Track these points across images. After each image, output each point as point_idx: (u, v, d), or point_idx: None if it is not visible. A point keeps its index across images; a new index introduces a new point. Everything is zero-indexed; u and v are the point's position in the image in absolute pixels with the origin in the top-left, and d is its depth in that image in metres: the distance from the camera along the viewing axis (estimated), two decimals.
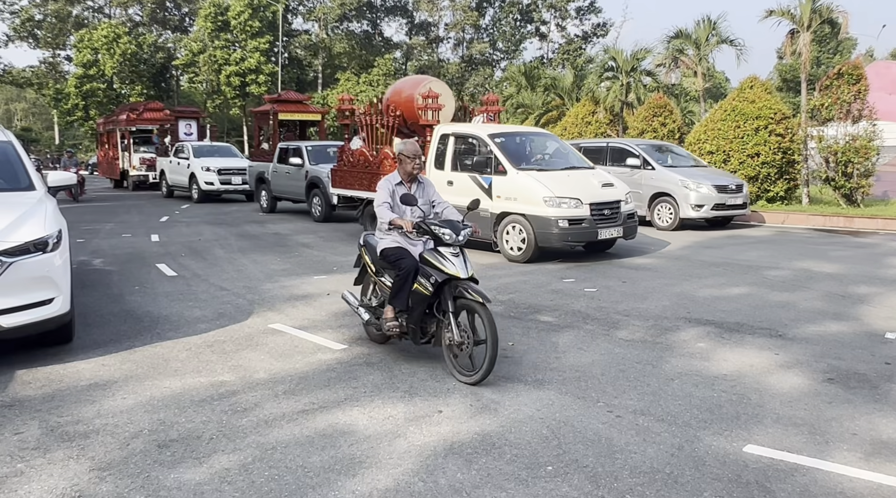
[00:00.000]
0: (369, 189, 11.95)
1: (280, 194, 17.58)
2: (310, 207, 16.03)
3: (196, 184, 21.17)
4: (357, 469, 3.65)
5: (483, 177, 10.48)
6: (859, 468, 3.66)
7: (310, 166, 16.05)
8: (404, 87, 12.71)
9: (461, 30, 55.61)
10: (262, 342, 6.01)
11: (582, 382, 5.01)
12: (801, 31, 17.92)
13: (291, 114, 20.01)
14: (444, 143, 11.08)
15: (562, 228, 9.74)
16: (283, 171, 17.04)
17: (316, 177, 15.66)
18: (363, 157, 12.80)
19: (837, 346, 5.89)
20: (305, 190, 16.07)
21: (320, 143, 17.97)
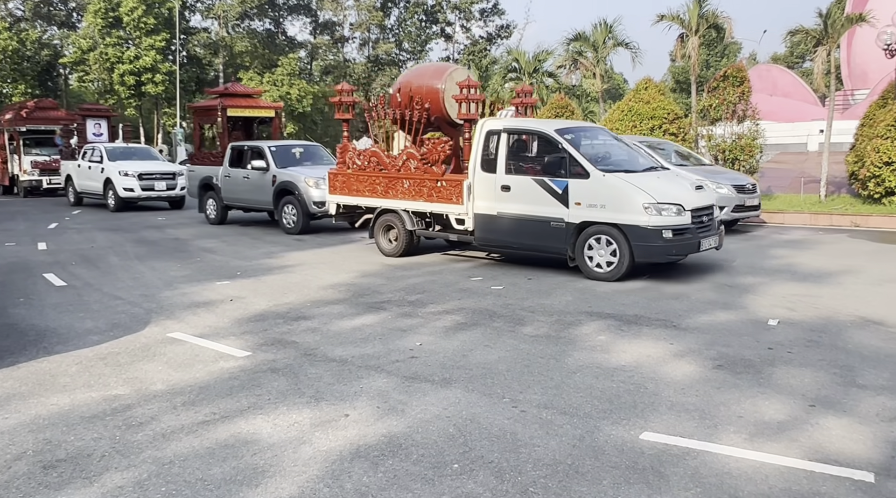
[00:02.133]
0: (385, 196, 10.63)
1: (233, 203, 15.18)
2: (279, 218, 13.86)
3: (113, 190, 18.64)
4: (260, 479, 3.56)
5: (555, 181, 8.90)
6: (744, 449, 3.89)
7: (277, 170, 13.93)
8: (424, 77, 10.89)
9: (366, 30, 55.26)
10: (159, 352, 5.78)
11: (488, 378, 5.08)
12: (690, 36, 18.87)
13: (242, 110, 17.48)
14: (494, 142, 9.54)
15: (666, 240, 8.34)
16: (240, 176, 14.66)
17: (288, 182, 13.57)
18: (375, 158, 10.89)
19: (726, 334, 6.23)
20: (274, 198, 13.86)
21: (284, 143, 15.88)
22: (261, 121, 18.46)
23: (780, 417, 4.34)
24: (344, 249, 11.70)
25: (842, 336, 6.14)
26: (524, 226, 9.16)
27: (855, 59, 32.37)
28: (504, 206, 9.31)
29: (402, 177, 10.44)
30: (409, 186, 10.31)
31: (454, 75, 10.58)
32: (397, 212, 10.47)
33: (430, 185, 10.06)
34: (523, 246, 9.44)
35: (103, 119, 24.25)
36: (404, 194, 10.39)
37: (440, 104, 10.42)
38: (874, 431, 4.11)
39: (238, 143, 15.45)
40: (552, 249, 9.10)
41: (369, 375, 5.18)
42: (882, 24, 19.41)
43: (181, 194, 18.98)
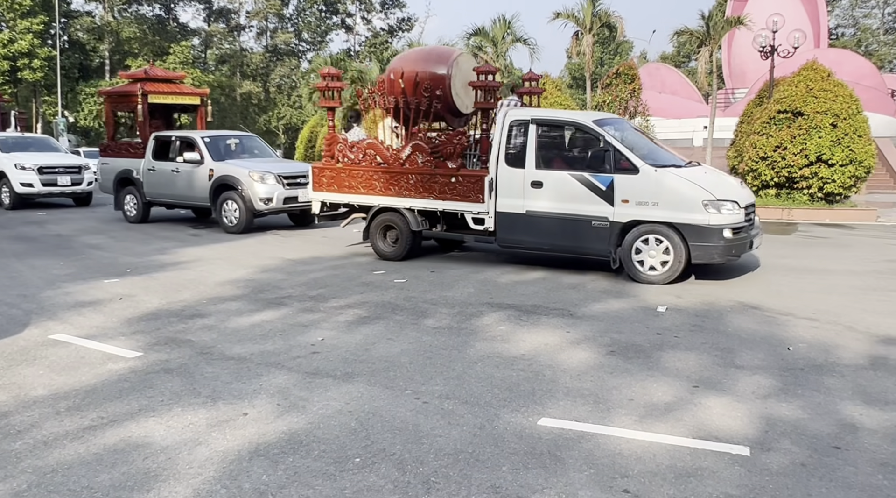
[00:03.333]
0: (384, 193, 9.63)
1: (158, 199, 13.84)
2: (217, 215, 12.74)
3: (7, 186, 16.67)
4: (152, 483, 3.43)
5: (598, 176, 8.25)
6: (634, 430, 4.08)
7: (214, 163, 12.81)
8: (427, 63, 9.72)
9: (264, 18, 53.79)
10: (40, 356, 5.43)
11: (391, 371, 5.09)
12: (585, 33, 19.51)
13: (164, 96, 15.51)
14: (520, 134, 8.76)
15: (726, 239, 7.88)
16: (167, 169, 13.38)
17: (229, 177, 12.52)
18: (372, 151, 9.81)
19: (618, 321, 6.51)
20: (211, 193, 12.71)
21: (218, 133, 14.50)
22: (182, 108, 16.75)
23: (667, 398, 4.59)
24: (241, 243, 11.38)
25: (723, 321, 6.54)
26: (559, 225, 8.50)
27: (734, 60, 34.42)
28: (535, 204, 8.60)
29: (407, 172, 9.43)
30: (416, 182, 9.35)
31: (460, 61, 9.73)
32: (399, 211, 9.51)
33: (442, 181, 9.14)
34: (557, 247, 8.78)
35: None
36: (410, 191, 9.42)
37: (447, 92, 9.48)
38: (750, 408, 4.41)
39: (163, 133, 14.11)
40: (592, 251, 8.48)
41: (269, 372, 5.08)
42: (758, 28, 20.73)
43: (88, 190, 17.36)
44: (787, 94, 15.54)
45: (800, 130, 15.09)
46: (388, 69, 10.06)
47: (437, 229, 9.61)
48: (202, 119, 16.26)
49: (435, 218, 9.55)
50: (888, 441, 3.94)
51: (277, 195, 12.35)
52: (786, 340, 5.89)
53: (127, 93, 15.29)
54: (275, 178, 12.41)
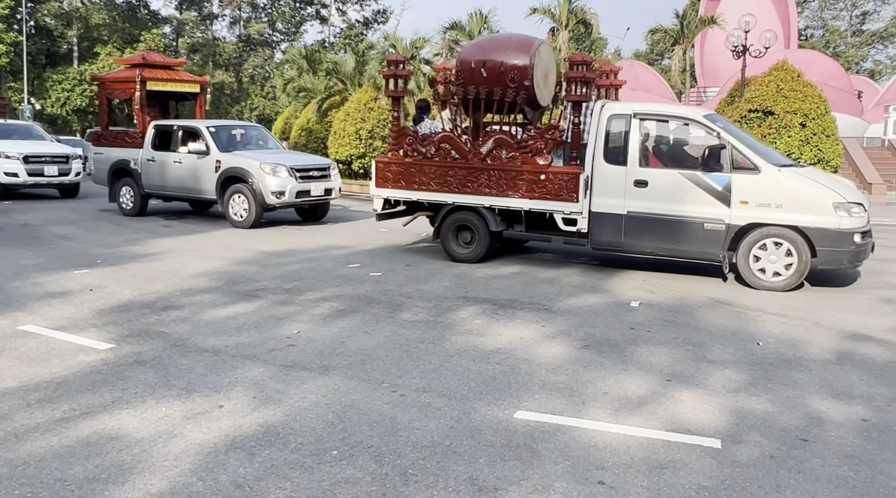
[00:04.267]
0: (461, 190, 8.96)
1: (157, 191, 13.25)
2: (224, 209, 12.20)
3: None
4: (127, 476, 3.39)
5: (712, 176, 7.81)
6: (609, 423, 4.14)
7: (222, 155, 12.22)
8: (506, 52, 8.95)
9: (237, 7, 53.13)
10: (9, 347, 5.33)
11: (367, 364, 5.09)
12: (561, 30, 19.60)
13: (163, 83, 14.69)
14: (621, 129, 8.32)
15: (857, 245, 7.51)
16: (169, 160, 12.80)
17: (238, 169, 11.94)
18: (448, 145, 9.09)
19: (593, 315, 6.58)
20: (218, 186, 12.16)
21: (222, 122, 13.89)
22: (180, 96, 15.89)
23: (641, 391, 4.66)
24: (214, 235, 11.26)
25: (694, 315, 6.65)
26: (665, 228, 8.06)
27: (707, 59, 34.81)
28: (637, 205, 8.14)
29: (488, 168, 8.81)
30: (498, 179, 8.75)
31: (541, 50, 9.12)
32: (477, 210, 8.96)
33: (529, 178, 8.57)
34: (661, 251, 8.26)
35: None
36: (490, 189, 8.81)
37: (529, 83, 8.81)
38: (721, 402, 4.50)
39: (164, 122, 13.51)
40: (701, 255, 8.06)
41: (244, 364, 5.05)
42: (730, 27, 21.01)
43: (76, 181, 16.68)
44: (759, 94, 15.80)
45: (770, 129, 15.35)
46: (463, 58, 9.30)
47: (516, 230, 9.04)
48: (201, 108, 15.45)
49: (513, 218, 9.01)
50: (853, 434, 4.05)
51: (290, 189, 11.82)
52: (755, 336, 6.01)
53: (124, 79, 14.48)
54: (287, 171, 11.87)
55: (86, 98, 41.36)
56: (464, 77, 9.07)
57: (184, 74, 15.83)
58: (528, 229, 8.95)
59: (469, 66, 9.04)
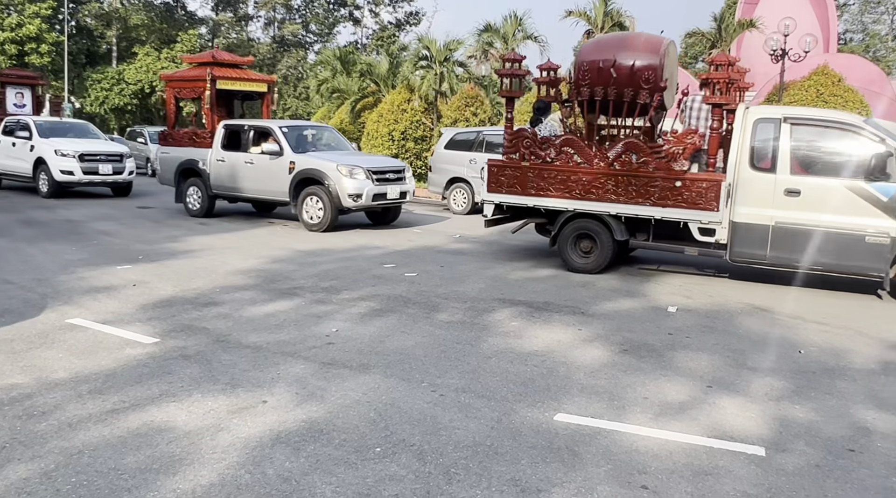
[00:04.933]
0: (584, 196, 8.53)
1: (227, 192, 12.93)
2: (298, 212, 11.87)
3: (46, 173, 15.67)
4: (177, 467, 3.48)
5: (877, 186, 7.41)
6: (650, 428, 4.13)
7: (296, 155, 11.88)
8: (635, 51, 8.54)
9: (272, 9, 53.72)
10: (59, 339, 5.48)
11: (406, 364, 5.13)
12: (596, 32, 19.49)
13: (232, 82, 14.22)
14: (769, 135, 7.89)
15: None
16: (240, 161, 12.44)
17: (314, 170, 11.58)
18: (570, 148, 8.67)
19: (630, 320, 6.56)
20: (291, 188, 11.81)
21: (294, 123, 13.62)
22: (245, 95, 15.27)
23: (681, 397, 4.64)
24: (251, 233, 11.42)
25: (733, 322, 6.59)
26: (819, 240, 7.61)
27: (743, 62, 34.36)
28: (788, 215, 7.72)
29: (616, 173, 8.35)
30: (627, 186, 8.32)
31: (670, 50, 8.77)
32: (601, 217, 8.54)
33: (662, 185, 8.12)
34: (814, 264, 7.75)
35: (27, 88, 20.42)
36: (616, 196, 8.37)
37: (664, 84, 8.46)
38: (763, 409, 4.45)
39: (234, 122, 13.20)
40: (859, 270, 7.60)
41: (286, 361, 5.12)
42: (769, 31, 20.72)
43: (129, 180, 16.55)
44: (798, 98, 15.56)
45: None
46: (584, 58, 8.83)
47: (640, 239, 8.65)
48: (268, 107, 15.06)
49: (637, 226, 8.59)
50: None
51: (367, 191, 11.43)
52: (797, 343, 5.94)
53: (193, 78, 14.07)
54: (364, 173, 11.50)
55: (123, 97, 42.16)
56: (590, 78, 8.59)
57: (252, 73, 15.45)
58: (656, 239, 8.54)
59: (596, 66, 8.57)
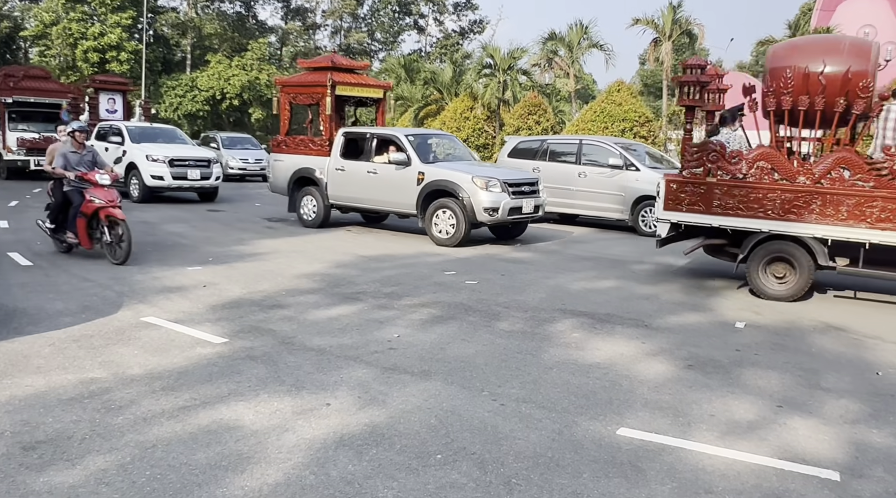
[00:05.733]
0: (781, 217, 7.81)
1: (346, 203, 12.44)
2: (426, 225, 11.26)
3: (138, 178, 15.77)
4: (245, 465, 3.57)
5: None
6: (717, 446, 4.02)
7: (425, 166, 11.29)
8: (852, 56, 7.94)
9: (339, 18, 54.82)
10: (134, 336, 5.71)
11: (466, 372, 5.15)
12: (664, 40, 19.18)
13: (351, 87, 13.51)
14: None
15: None
16: (362, 170, 11.89)
17: (446, 182, 11.01)
18: (766, 163, 7.98)
19: (695, 334, 6.41)
20: (420, 200, 11.23)
21: (418, 131, 13.05)
22: (358, 102, 14.64)
23: (750, 416, 4.50)
24: (316, 238, 11.65)
25: (805, 340, 6.36)
26: None
27: None
28: None
29: (823, 192, 7.62)
30: (837, 205, 7.56)
31: (876, 54, 8.14)
32: (801, 240, 7.81)
33: (883, 205, 7.35)
34: None
35: (118, 93, 20.82)
36: (824, 216, 7.62)
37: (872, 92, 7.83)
38: (838, 432, 4.28)
39: (355, 129, 12.87)
40: None
41: (349, 365, 5.21)
42: None
43: (216, 185, 16.59)
44: None
45: None
46: (782, 64, 8.20)
47: (844, 265, 7.81)
48: (383, 114, 14.59)
49: (841, 250, 7.79)
50: None
51: (504, 205, 10.78)
52: (874, 365, 5.69)
53: (312, 83, 13.44)
54: (501, 186, 10.88)
55: (196, 103, 43.65)
56: (794, 86, 7.93)
57: (369, 79, 15.02)
58: (868, 265, 7.66)
59: (801, 73, 7.92)
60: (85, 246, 8.81)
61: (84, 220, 8.68)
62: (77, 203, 8.71)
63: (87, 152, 9.04)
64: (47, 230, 9.24)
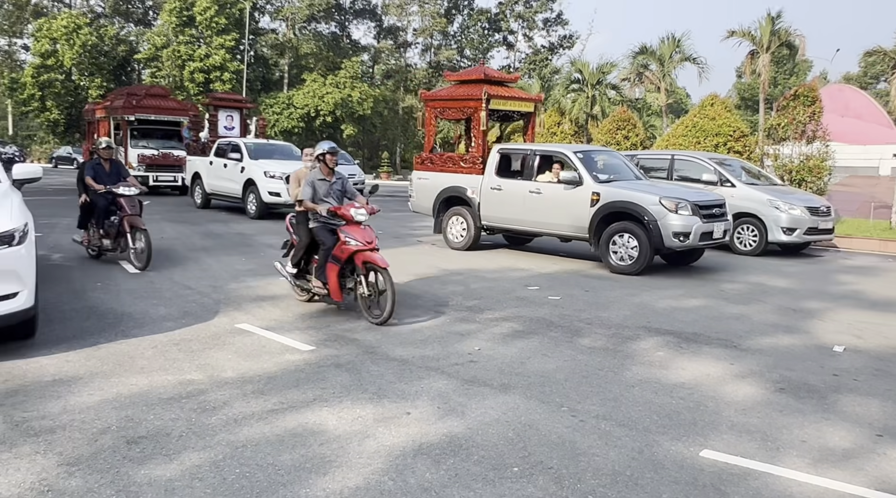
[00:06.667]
0: None
1: (501, 224, 11.72)
2: (602, 251, 10.28)
3: (255, 194, 15.90)
4: (327, 468, 3.71)
5: None
6: (807, 473, 3.85)
7: (599, 186, 10.37)
8: None
9: (429, 35, 55.82)
10: (229, 342, 6.01)
11: (546, 387, 5.14)
12: (761, 53, 18.53)
13: (504, 101, 12.64)
14: None
15: None
16: (522, 190, 11.06)
17: (628, 204, 10.05)
18: None
19: (789, 357, 6.14)
20: (594, 224, 10.31)
21: (587, 147, 12.21)
22: (503, 116, 13.66)
23: (846, 444, 4.29)
24: (401, 251, 11.87)
25: None
26: None
27: None
28: None
29: None
30: None
31: None
32: None
33: None
34: None
35: (236, 110, 21.44)
36: None
37: None
38: None
39: (512, 146, 12.16)
40: None
41: (429, 375, 5.30)
42: None
43: None
44: None
45: None
46: None
47: None
48: (533, 129, 13.63)
49: None
50: None
51: (695, 229, 9.82)
52: None
53: (463, 97, 12.53)
54: (691, 208, 9.91)
55: (292, 120, 45.43)
56: None
57: (520, 91, 14.11)
58: None
59: None
60: (335, 298, 6.99)
61: (337, 267, 6.91)
62: (329, 244, 6.99)
63: (336, 180, 7.24)
64: (289, 276, 7.55)
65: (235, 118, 21.33)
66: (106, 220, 9.47)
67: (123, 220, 9.14)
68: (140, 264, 9.08)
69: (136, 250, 9.18)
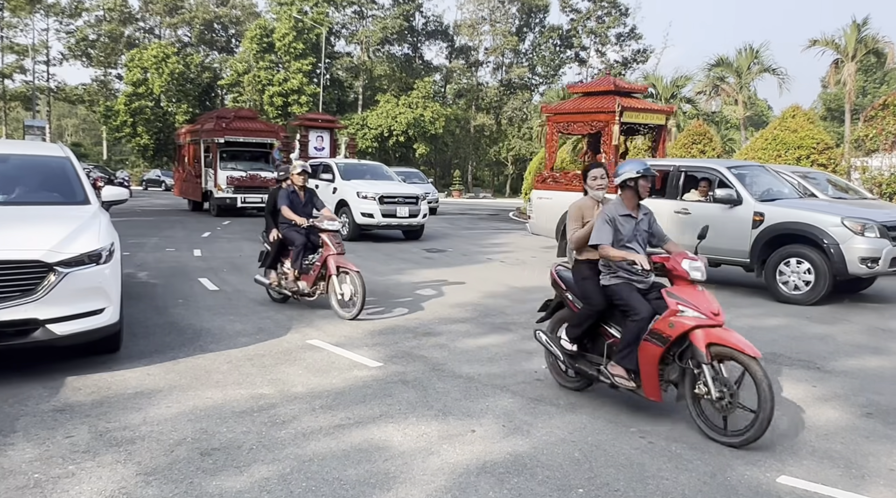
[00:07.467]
0: None
1: None
2: (770, 280, 9.23)
3: (348, 215, 15.46)
4: (391, 484, 3.74)
5: None
6: None
7: (763, 206, 9.37)
8: None
9: (501, 54, 56.10)
10: (299, 357, 6.16)
11: (614, 407, 5.03)
12: (846, 61, 17.78)
13: (636, 113, 11.93)
14: None
15: None
16: (667, 210, 9.84)
17: (799, 225, 8.98)
18: None
19: (877, 380, 5.81)
20: (758, 247, 9.30)
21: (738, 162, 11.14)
22: (629, 129, 12.76)
23: None
24: (470, 269, 11.91)
25: None
26: None
27: None
28: None
29: None
30: None
31: None
32: None
33: None
34: None
35: (326, 131, 21.50)
36: None
37: None
38: None
39: (652, 162, 10.61)
40: None
41: (495, 393, 5.27)
42: None
43: (422, 223, 16.13)
44: None
45: None
46: None
47: None
48: (664, 143, 12.76)
49: None
50: None
51: (886, 254, 8.64)
52: None
53: (592, 110, 11.85)
54: (878, 230, 8.73)
55: (366, 141, 46.44)
56: None
57: (651, 103, 13.43)
58: None
59: None
60: (654, 398, 4.68)
61: (661, 350, 4.55)
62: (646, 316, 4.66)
63: (642, 217, 5.05)
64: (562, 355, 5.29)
65: (325, 139, 21.31)
66: (305, 259, 8.15)
67: (328, 259, 7.77)
68: (351, 313, 7.57)
69: (344, 297, 7.68)
